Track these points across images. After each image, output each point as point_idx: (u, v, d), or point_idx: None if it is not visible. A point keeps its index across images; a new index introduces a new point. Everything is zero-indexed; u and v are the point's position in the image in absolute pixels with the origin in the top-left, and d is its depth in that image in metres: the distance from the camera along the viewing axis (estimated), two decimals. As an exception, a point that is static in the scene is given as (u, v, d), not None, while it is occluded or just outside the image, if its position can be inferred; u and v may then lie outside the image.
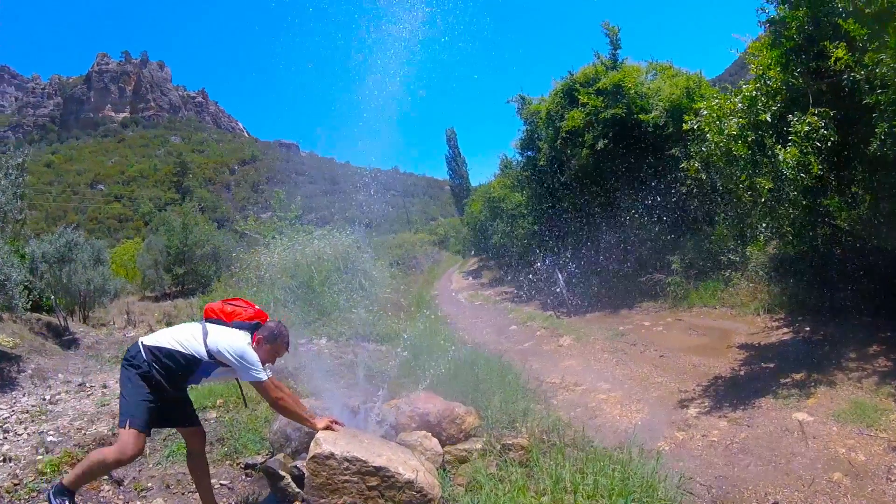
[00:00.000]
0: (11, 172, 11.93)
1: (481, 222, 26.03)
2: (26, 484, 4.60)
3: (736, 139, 6.30)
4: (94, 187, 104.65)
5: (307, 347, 8.59)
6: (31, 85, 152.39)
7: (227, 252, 24.20)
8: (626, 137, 12.93)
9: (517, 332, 11.81)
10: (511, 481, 3.66)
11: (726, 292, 10.28)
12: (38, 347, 11.36)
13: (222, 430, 5.47)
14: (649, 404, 6.12)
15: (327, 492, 3.36)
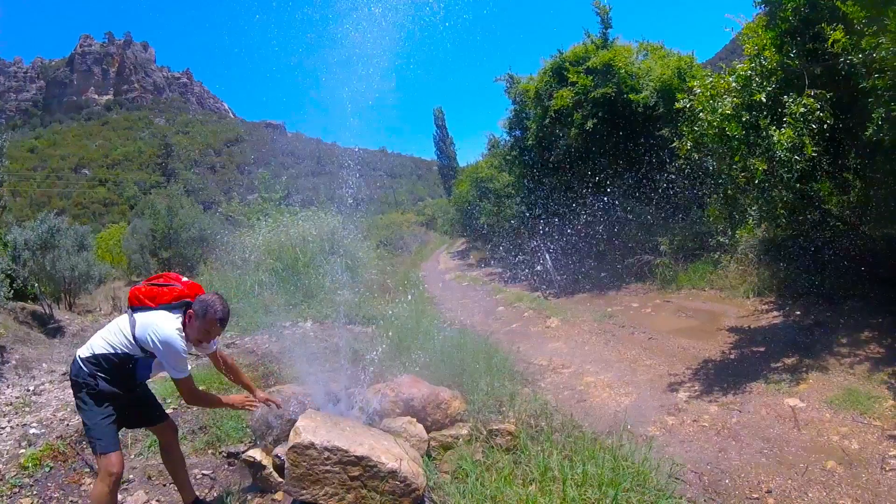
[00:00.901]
0: None
1: (469, 203, 25.86)
2: (8, 480, 4.50)
3: (730, 119, 6.18)
4: (79, 172, 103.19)
5: (292, 331, 8.51)
6: (14, 69, 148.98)
7: (213, 235, 23.93)
8: (616, 117, 12.78)
9: (505, 314, 11.75)
10: (497, 469, 3.60)
11: (715, 274, 10.22)
12: (23, 337, 11.16)
13: (204, 418, 5.34)
14: (638, 388, 6.06)
15: (308, 482, 3.27)
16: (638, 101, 12.08)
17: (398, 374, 5.04)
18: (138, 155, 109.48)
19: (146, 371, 3.41)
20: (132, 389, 3.43)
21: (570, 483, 3.25)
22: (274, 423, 4.35)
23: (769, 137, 5.87)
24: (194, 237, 27.24)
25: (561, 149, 13.67)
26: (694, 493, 3.81)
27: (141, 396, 3.58)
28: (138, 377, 3.41)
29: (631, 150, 12.65)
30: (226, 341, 8.68)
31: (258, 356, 7.32)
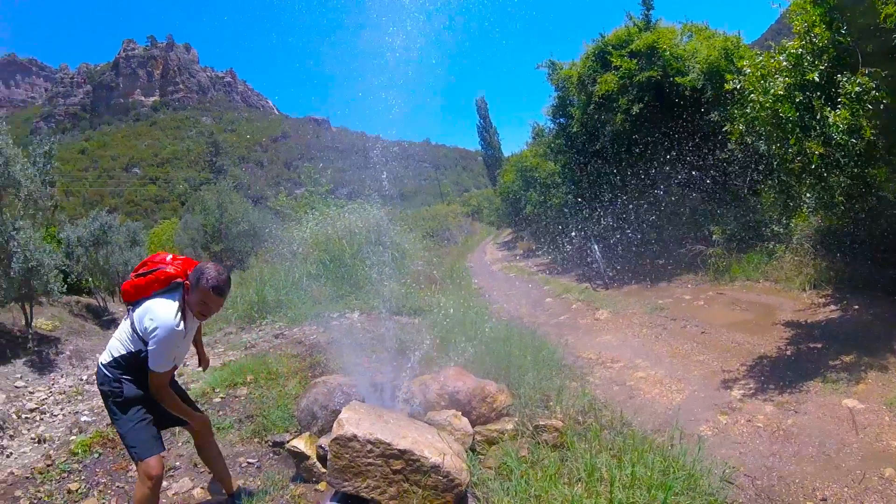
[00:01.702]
0: (39, 160, 12.26)
1: (514, 192, 25.58)
2: (58, 465, 4.64)
3: (782, 100, 5.84)
4: (129, 171, 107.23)
5: (339, 321, 8.53)
6: (60, 75, 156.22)
7: (262, 228, 24.42)
8: (662, 101, 12.37)
9: (552, 305, 11.57)
10: (543, 467, 3.48)
11: (770, 265, 9.78)
12: (78, 329, 11.63)
13: (252, 407, 5.41)
14: (691, 384, 5.82)
15: (350, 474, 3.23)
16: (685, 84, 11.66)
17: (444, 366, 4.94)
18: (187, 153, 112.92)
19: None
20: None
21: (617, 485, 3.10)
22: (319, 414, 4.35)
23: (824, 119, 5.52)
24: (244, 231, 27.86)
25: (607, 135, 13.31)
26: (746, 499, 3.62)
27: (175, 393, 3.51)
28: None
29: (680, 136, 12.21)
30: (274, 332, 8.81)
31: (306, 346, 7.37)
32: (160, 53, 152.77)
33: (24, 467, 4.84)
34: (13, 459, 5.26)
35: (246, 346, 8.34)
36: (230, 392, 5.95)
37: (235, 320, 10.36)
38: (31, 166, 11.56)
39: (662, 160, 12.26)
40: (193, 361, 7.97)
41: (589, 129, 13.98)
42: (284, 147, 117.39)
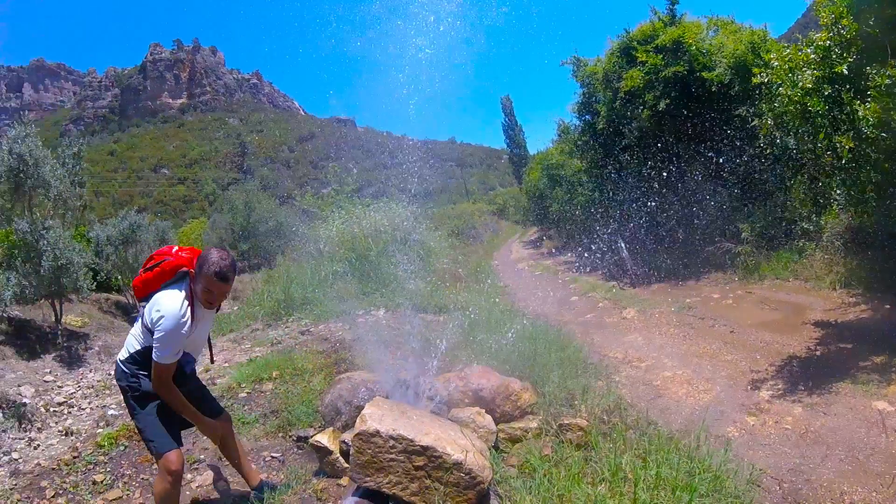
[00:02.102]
0: (68, 162, 12.62)
1: (540, 191, 25.44)
2: (84, 457, 4.74)
3: (811, 93, 5.70)
4: (158, 171, 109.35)
5: (364, 318, 8.58)
6: (88, 79, 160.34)
7: (289, 227, 24.71)
8: (689, 97, 12.16)
9: (578, 304, 11.45)
10: (567, 466, 3.44)
11: (800, 264, 9.54)
12: (107, 325, 11.89)
13: (277, 402, 5.47)
14: (718, 384, 5.69)
15: (372, 470, 3.23)
16: (712, 80, 11.46)
17: (468, 363, 4.94)
18: (214, 154, 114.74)
19: (185, 359, 3.31)
20: (181, 384, 3.30)
21: (641, 485, 3.04)
22: (343, 410, 4.37)
23: (854, 113, 5.37)
24: (271, 230, 28.23)
25: (633, 132, 13.16)
26: (772, 502, 3.52)
27: (192, 391, 3.47)
28: (185, 370, 3.36)
29: (707, 132, 12.01)
30: (301, 328, 8.90)
31: (331, 343, 7.41)
32: (186, 56, 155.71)
33: (51, 459, 4.96)
34: (40, 451, 5.39)
35: (272, 342, 8.43)
36: (256, 387, 6.02)
37: (262, 317, 10.48)
38: (61, 167, 11.90)
39: (690, 156, 12.08)
40: (219, 357, 8.12)
41: (615, 126, 13.84)
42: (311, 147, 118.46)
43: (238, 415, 5.28)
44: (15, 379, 7.89)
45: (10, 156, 10.60)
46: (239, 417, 5.20)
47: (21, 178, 10.60)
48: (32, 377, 7.95)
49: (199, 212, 78.34)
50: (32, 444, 5.63)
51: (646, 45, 12.71)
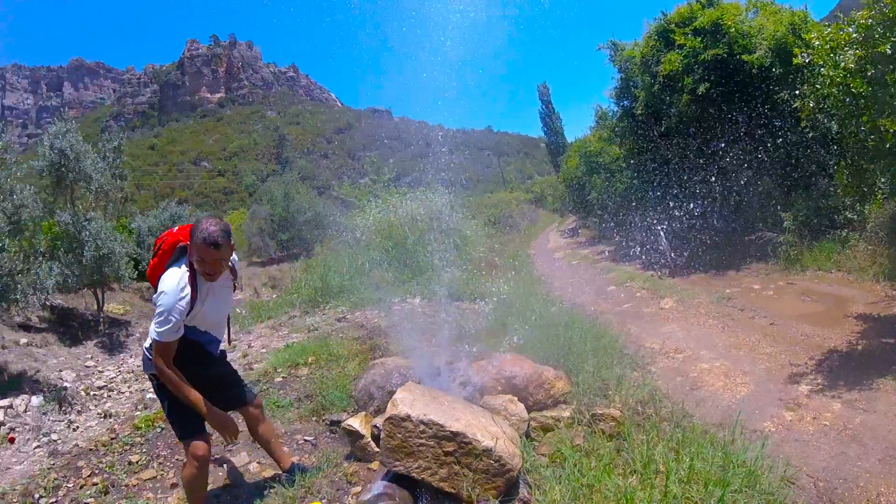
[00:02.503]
0: (109, 155, 13.03)
1: (578, 178, 24.97)
2: (121, 438, 4.89)
3: (854, 74, 5.45)
4: (198, 164, 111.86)
5: (400, 306, 8.64)
6: (127, 76, 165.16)
7: (327, 217, 25.01)
8: (729, 81, 11.77)
9: (616, 293, 11.29)
10: (598, 456, 3.38)
11: (843, 255, 9.19)
12: (148, 313, 12.28)
13: (311, 387, 5.55)
14: (756, 377, 5.53)
15: (402, 454, 3.25)
16: (752, 62, 11.06)
17: (502, 351, 4.90)
18: (253, 146, 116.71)
19: (205, 338, 3.25)
20: (206, 366, 3.29)
21: (673, 478, 2.97)
22: (376, 395, 4.42)
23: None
24: (310, 220, 28.57)
25: (672, 117, 12.79)
26: (806, 500, 3.40)
27: (223, 375, 3.47)
28: (210, 352, 3.32)
29: (748, 116, 11.63)
30: (337, 315, 9.01)
31: (367, 330, 7.48)
32: (223, 51, 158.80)
33: (89, 440, 5.12)
34: (79, 433, 5.58)
35: (309, 328, 8.56)
36: (291, 372, 6.13)
37: (300, 304, 10.65)
38: (101, 161, 12.31)
39: (730, 142, 11.74)
40: (257, 343, 8.28)
41: (654, 111, 13.50)
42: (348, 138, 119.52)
43: (273, 399, 5.38)
44: (57, 364, 8.20)
45: (52, 151, 11.03)
46: (274, 401, 5.30)
47: (63, 171, 11.02)
48: (74, 362, 8.25)
49: (239, 203, 80.00)
50: (72, 426, 5.84)
51: (684, 28, 12.32)
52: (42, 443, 5.38)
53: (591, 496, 2.97)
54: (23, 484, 4.22)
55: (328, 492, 3.58)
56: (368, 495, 3.24)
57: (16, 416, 5.81)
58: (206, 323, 3.19)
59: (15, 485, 4.23)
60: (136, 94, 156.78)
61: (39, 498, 4.01)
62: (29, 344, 8.75)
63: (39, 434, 5.59)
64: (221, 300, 3.25)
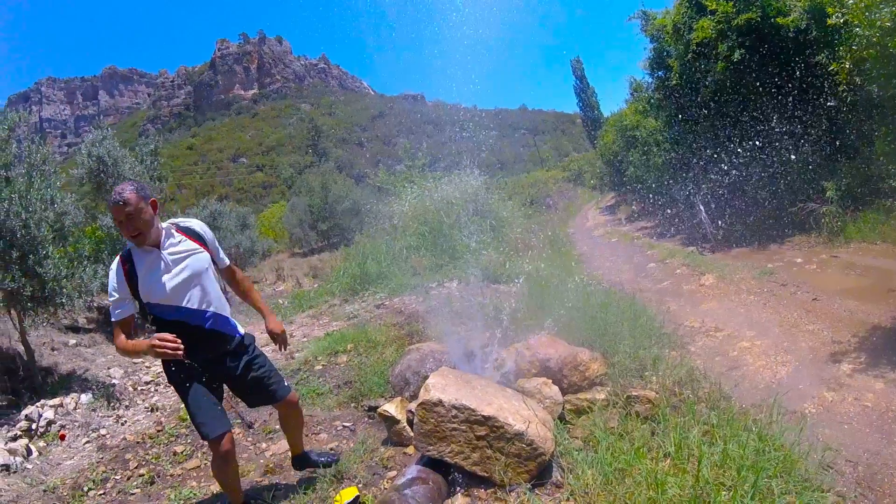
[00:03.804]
0: (146, 159, 13.51)
1: (615, 154, 24.56)
2: (167, 430, 5.10)
3: (891, 33, 5.21)
4: (236, 161, 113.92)
5: (437, 291, 8.71)
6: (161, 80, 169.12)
7: (365, 205, 25.24)
8: (764, 46, 11.34)
9: (655, 271, 11.11)
10: (632, 439, 3.35)
11: (888, 225, 8.81)
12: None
13: (350, 374, 5.69)
14: (797, 356, 5.35)
15: (435, 439, 3.29)
16: (787, 25, 10.61)
17: (537, 333, 4.86)
18: (289, 139, 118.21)
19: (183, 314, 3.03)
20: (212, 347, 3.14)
21: (706, 462, 2.91)
22: (411, 380, 4.50)
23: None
24: (348, 209, 28.83)
25: (708, 86, 12.41)
26: (845, 487, 3.23)
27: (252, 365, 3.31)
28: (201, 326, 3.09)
29: (786, 83, 11.14)
30: (376, 302, 9.14)
31: (405, 316, 7.59)
32: (253, 49, 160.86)
33: (137, 433, 5.38)
34: (127, 427, 5.83)
35: (348, 316, 8.73)
36: (331, 360, 6.29)
37: (340, 293, 10.83)
38: (139, 164, 12.73)
39: (769, 110, 11.32)
40: (298, 333, 8.45)
41: (689, 81, 13.11)
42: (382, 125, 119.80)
43: (313, 386, 5.53)
44: (105, 362, 8.53)
45: (90, 159, 11.50)
46: (313, 389, 5.44)
47: (102, 177, 11.47)
48: (122, 359, 8.55)
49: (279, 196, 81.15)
50: (120, 421, 6.08)
51: (715, -8, 11.91)
52: (91, 438, 5.61)
53: (622, 480, 2.95)
54: (72, 478, 4.45)
55: (364, 476, 3.68)
56: (402, 479, 3.28)
57: (66, 414, 6.08)
58: (168, 297, 2.98)
59: (65, 479, 4.46)
60: (170, 96, 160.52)
61: (88, 490, 4.22)
62: (77, 345, 9.14)
63: (89, 430, 5.83)
64: (176, 270, 3.01)
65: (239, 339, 3.27)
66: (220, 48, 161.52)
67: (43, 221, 6.94)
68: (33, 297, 6.98)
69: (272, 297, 15.50)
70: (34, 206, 6.87)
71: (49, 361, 7.94)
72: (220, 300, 3.18)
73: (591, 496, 2.94)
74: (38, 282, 6.90)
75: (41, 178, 7.26)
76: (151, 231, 2.93)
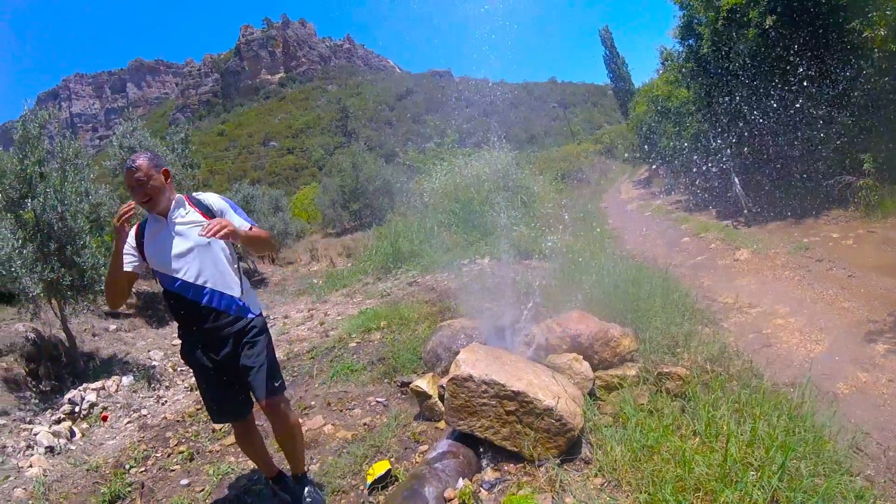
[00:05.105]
0: (177, 147, 13.76)
1: (648, 125, 23.99)
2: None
3: None
4: (267, 144, 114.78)
5: (469, 267, 8.76)
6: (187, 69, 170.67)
7: (396, 184, 25.31)
8: (797, 12, 10.84)
9: (689, 245, 10.96)
10: (661, 416, 3.35)
11: (926, 199, 8.40)
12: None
13: (384, 351, 5.79)
14: (832, 334, 5.23)
15: (465, 414, 3.35)
16: (819, -9, 10.09)
17: (568, 308, 4.85)
18: (318, 121, 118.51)
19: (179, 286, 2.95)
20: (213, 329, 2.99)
21: (734, 441, 2.89)
22: (443, 356, 4.60)
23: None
24: (380, 188, 28.95)
25: (740, 54, 12.00)
26: (874, 471, 3.16)
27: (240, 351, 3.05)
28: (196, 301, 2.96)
29: (820, 50, 10.71)
30: (408, 280, 9.26)
31: (437, 293, 7.67)
32: (278, 33, 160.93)
33: (177, 412, 5.58)
34: (167, 406, 6.04)
35: (382, 294, 8.86)
36: (365, 337, 6.42)
37: (373, 271, 10.97)
38: (171, 153, 12.99)
39: (803, 79, 10.91)
40: (333, 311, 8.61)
41: (719, 49, 12.66)
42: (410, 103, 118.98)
43: (347, 363, 5.67)
44: (145, 345, 8.83)
45: (121, 150, 11.77)
46: (348, 365, 5.58)
47: None
48: (161, 342, 8.85)
49: (311, 177, 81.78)
50: (160, 401, 6.32)
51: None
52: (133, 418, 5.84)
53: (651, 457, 2.95)
54: (115, 457, 4.63)
55: (396, 450, 3.78)
56: (433, 453, 3.36)
57: (108, 397, 6.34)
58: (166, 266, 2.95)
59: (107, 458, 4.64)
60: (198, 84, 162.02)
61: (130, 468, 4.38)
62: (118, 330, 9.48)
63: (130, 410, 6.08)
64: (178, 241, 2.97)
65: (243, 322, 3.04)
66: (245, 34, 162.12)
67: (79, 213, 7.21)
68: (73, 286, 7.29)
69: (306, 277, 15.79)
70: (69, 198, 7.14)
71: (90, 347, 8.24)
72: (224, 277, 3.01)
73: (619, 472, 2.96)
74: (76, 271, 7.19)
75: (75, 172, 7.51)
76: (162, 199, 2.97)
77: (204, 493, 3.78)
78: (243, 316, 3.04)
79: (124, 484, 4.02)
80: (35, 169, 7.06)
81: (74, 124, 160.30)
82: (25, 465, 4.65)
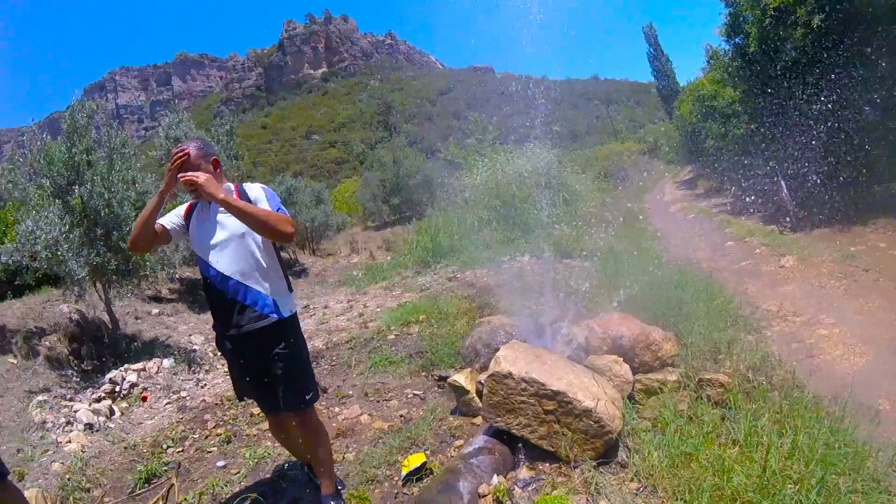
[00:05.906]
0: (222, 139, 14.14)
1: (692, 125, 23.35)
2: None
3: None
4: (309, 138, 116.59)
5: (509, 265, 8.75)
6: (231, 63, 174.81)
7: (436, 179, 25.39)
8: (846, 11, 10.42)
9: (733, 249, 10.72)
10: (701, 423, 3.30)
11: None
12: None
13: (422, 344, 5.87)
14: (877, 348, 5.05)
15: (503, 411, 3.37)
16: (870, -11, 9.62)
17: (609, 310, 4.82)
18: (360, 116, 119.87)
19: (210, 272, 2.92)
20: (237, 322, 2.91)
21: (774, 452, 2.82)
22: (481, 352, 4.59)
23: None
24: (420, 183, 29.09)
25: (788, 54, 11.62)
26: None
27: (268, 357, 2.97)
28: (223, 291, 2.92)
29: (871, 51, 10.27)
30: (448, 275, 9.34)
31: (476, 289, 7.69)
32: (320, 28, 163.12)
33: (215, 396, 5.70)
34: (207, 390, 6.18)
35: (421, 288, 8.93)
36: (403, 330, 6.52)
37: (412, 265, 11.05)
38: (216, 144, 13.28)
39: (853, 82, 10.54)
40: (372, 303, 8.70)
41: (767, 49, 12.26)
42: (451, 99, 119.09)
43: (385, 354, 5.78)
44: (187, 330, 9.08)
45: (167, 140, 12.10)
46: (386, 357, 5.68)
47: None
48: (202, 327, 9.08)
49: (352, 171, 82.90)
50: (200, 384, 6.48)
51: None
52: (172, 400, 5.98)
53: (688, 465, 2.92)
54: (153, 437, 4.76)
55: (432, 443, 3.85)
56: (469, 448, 3.39)
57: (148, 378, 6.53)
58: (202, 252, 2.95)
59: (146, 437, 4.77)
60: (242, 78, 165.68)
61: (167, 448, 4.50)
62: (160, 314, 9.76)
63: (170, 392, 6.23)
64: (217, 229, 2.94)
65: (266, 322, 2.92)
66: (287, 29, 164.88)
67: (125, 200, 7.45)
68: (118, 271, 7.56)
69: (346, 269, 15.99)
70: (116, 186, 7.38)
71: (133, 329, 8.51)
72: (256, 272, 2.93)
73: (655, 478, 2.94)
74: (122, 256, 7.45)
75: (121, 161, 7.76)
76: None
77: (239, 475, 3.85)
78: (267, 315, 2.91)
79: (161, 463, 4.12)
80: (83, 157, 7.31)
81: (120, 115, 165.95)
82: (64, 440, 4.76)
